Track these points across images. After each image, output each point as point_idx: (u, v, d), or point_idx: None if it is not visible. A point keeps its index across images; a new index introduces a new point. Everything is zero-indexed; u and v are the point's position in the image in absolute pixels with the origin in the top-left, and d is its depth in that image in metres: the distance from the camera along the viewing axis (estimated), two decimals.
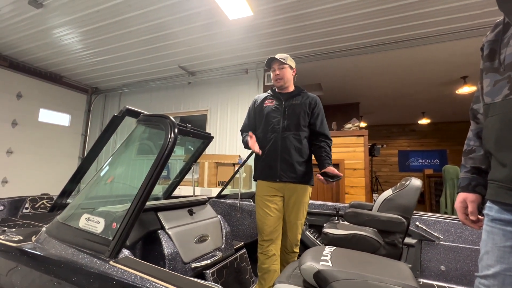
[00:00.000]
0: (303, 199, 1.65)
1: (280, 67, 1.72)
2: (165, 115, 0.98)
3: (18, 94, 4.78)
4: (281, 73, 1.72)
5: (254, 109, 1.83)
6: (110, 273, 0.66)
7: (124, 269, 0.66)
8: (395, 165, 8.40)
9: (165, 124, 0.93)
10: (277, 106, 1.73)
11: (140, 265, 0.69)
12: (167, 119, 0.95)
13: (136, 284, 0.61)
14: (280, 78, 1.73)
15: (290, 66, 1.76)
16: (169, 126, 0.91)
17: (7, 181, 4.62)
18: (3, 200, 2.13)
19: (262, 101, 1.81)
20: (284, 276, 0.99)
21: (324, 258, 0.94)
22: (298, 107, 1.71)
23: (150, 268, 0.68)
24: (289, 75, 1.76)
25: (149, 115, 1.05)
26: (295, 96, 1.76)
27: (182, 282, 0.61)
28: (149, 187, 0.78)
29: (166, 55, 4.24)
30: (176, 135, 0.88)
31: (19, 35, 3.84)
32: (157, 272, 0.65)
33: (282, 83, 1.74)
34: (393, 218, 1.55)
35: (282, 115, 1.70)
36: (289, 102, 1.73)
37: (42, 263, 0.75)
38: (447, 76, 4.54)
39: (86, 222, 0.84)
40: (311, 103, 1.73)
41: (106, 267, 0.69)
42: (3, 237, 0.90)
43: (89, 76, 5.36)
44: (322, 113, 1.77)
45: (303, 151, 1.67)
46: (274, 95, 1.80)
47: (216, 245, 1.44)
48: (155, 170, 0.80)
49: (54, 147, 5.32)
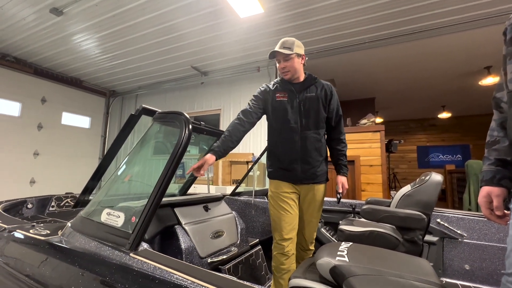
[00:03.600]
0: (320, 197, 1.58)
1: (285, 58, 1.51)
2: (180, 112, 1.00)
3: (42, 99, 5.05)
4: (288, 65, 1.51)
5: (265, 99, 1.60)
6: (130, 264, 0.69)
7: (144, 261, 0.69)
8: (414, 161, 8.11)
9: (179, 121, 0.95)
10: (291, 101, 1.55)
11: (159, 257, 0.72)
12: (181, 116, 0.98)
13: (156, 275, 0.64)
14: (287, 70, 1.53)
15: (298, 54, 1.52)
16: (184, 122, 0.93)
17: (34, 181, 4.90)
18: (32, 199, 2.24)
19: (273, 92, 1.60)
20: (300, 272, 0.98)
21: (341, 253, 0.93)
22: (314, 101, 1.54)
23: (169, 260, 0.70)
24: (298, 64, 1.53)
25: (164, 112, 1.08)
26: (308, 87, 1.57)
27: (200, 274, 0.62)
28: (165, 183, 0.80)
29: (179, 56, 4.32)
30: (191, 131, 0.89)
31: (42, 43, 4.04)
32: (175, 264, 0.67)
33: (290, 76, 1.55)
34: (413, 214, 1.49)
35: (298, 112, 1.53)
36: (303, 95, 1.55)
37: (68, 255, 0.80)
38: (469, 66, 4.31)
39: (107, 217, 0.88)
40: (327, 94, 1.56)
41: (126, 259, 0.72)
42: (33, 231, 0.97)
43: (107, 80, 5.57)
44: (338, 104, 1.62)
45: (322, 150, 1.58)
46: (284, 86, 1.58)
47: (231, 241, 1.46)
48: (170, 166, 0.82)
49: (76, 148, 5.58)
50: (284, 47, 1.51)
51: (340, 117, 1.63)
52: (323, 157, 1.58)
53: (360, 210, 1.67)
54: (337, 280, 0.84)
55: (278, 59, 1.55)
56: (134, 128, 1.34)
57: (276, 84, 1.63)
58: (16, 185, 4.61)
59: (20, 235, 0.98)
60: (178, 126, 0.94)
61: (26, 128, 4.79)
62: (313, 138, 1.53)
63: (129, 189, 1.09)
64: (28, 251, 0.89)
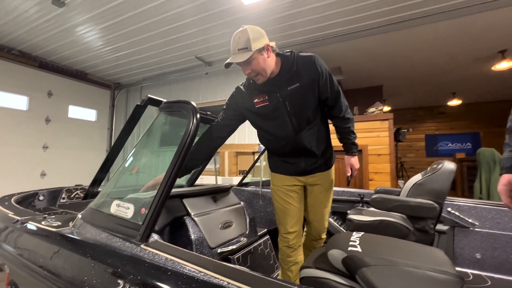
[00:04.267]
0: (328, 185, 1.47)
1: (247, 63, 1.18)
2: (187, 101, 0.97)
3: (49, 92, 5.08)
4: (253, 68, 1.19)
5: (239, 109, 1.35)
6: (141, 256, 0.69)
7: (155, 252, 0.69)
8: (422, 150, 7.98)
9: (187, 110, 0.93)
10: (274, 103, 1.27)
11: (170, 248, 0.71)
12: (188, 105, 0.95)
13: (167, 267, 0.63)
14: (256, 74, 1.22)
15: (259, 49, 1.18)
16: (191, 112, 0.90)
17: (45, 174, 5.00)
18: (43, 191, 2.28)
19: (248, 99, 1.32)
20: (311, 262, 0.98)
21: (353, 243, 0.91)
22: (301, 93, 1.25)
23: (180, 252, 0.70)
24: (264, 62, 1.20)
25: (170, 102, 1.05)
26: (290, 78, 1.25)
27: (213, 265, 0.62)
28: (173, 174, 0.79)
29: (183, 46, 4.26)
30: (198, 120, 0.87)
31: (45, 35, 4.03)
32: (187, 255, 0.67)
33: (263, 79, 1.24)
34: (424, 203, 1.47)
35: (286, 113, 1.28)
36: (286, 90, 1.25)
37: (80, 247, 0.81)
38: (482, 51, 4.14)
39: (117, 208, 0.87)
40: (312, 76, 1.24)
41: (137, 250, 0.72)
42: (45, 223, 0.98)
43: (112, 72, 5.55)
44: (331, 79, 1.30)
45: (324, 137, 1.41)
46: (260, 86, 1.28)
47: (240, 231, 1.46)
48: (179, 156, 0.81)
49: (83, 141, 5.65)
50: (239, 49, 1.17)
51: (337, 93, 1.35)
52: (326, 143, 1.43)
53: (370, 200, 1.64)
54: (350, 271, 0.83)
55: (239, 65, 1.22)
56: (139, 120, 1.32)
57: (251, 86, 1.33)
58: (27, 178, 4.71)
59: (32, 227, 0.99)
60: (185, 116, 0.92)
61: (34, 122, 4.85)
62: (311, 133, 1.34)
63: (137, 181, 1.08)
64: (41, 242, 0.91)
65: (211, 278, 0.58)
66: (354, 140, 1.44)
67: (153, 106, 1.22)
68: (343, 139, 1.46)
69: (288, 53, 1.29)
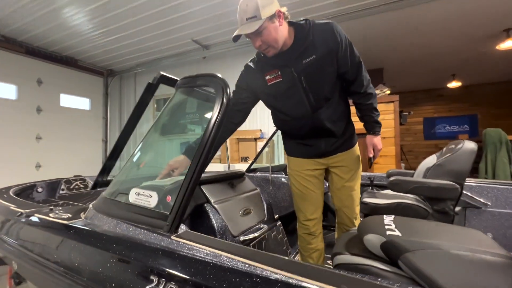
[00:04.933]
0: (355, 164, 1.33)
1: (257, 34, 1.06)
2: (213, 74, 0.86)
3: (38, 80, 4.84)
4: (264, 39, 1.07)
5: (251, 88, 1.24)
6: (174, 248, 0.61)
7: (189, 244, 0.61)
8: (420, 133, 8.01)
9: (214, 84, 0.81)
10: (288, 79, 1.15)
11: (205, 239, 0.64)
12: (216, 78, 0.84)
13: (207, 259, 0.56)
14: (267, 46, 1.10)
15: (269, 17, 1.05)
16: (221, 86, 0.79)
17: (40, 165, 4.85)
18: (41, 182, 2.21)
19: (260, 76, 1.20)
20: (342, 247, 0.92)
21: (389, 227, 0.86)
22: (317, 67, 1.13)
23: (217, 242, 0.62)
24: (276, 31, 1.07)
25: (191, 76, 0.94)
26: (305, 50, 1.12)
27: (259, 257, 0.55)
28: (203, 157, 0.69)
29: (179, 29, 4.04)
30: (229, 96, 0.77)
31: (30, 18, 3.77)
32: (227, 246, 0.60)
33: (274, 50, 1.11)
34: (445, 185, 1.42)
35: (302, 90, 1.16)
36: (301, 64, 1.13)
37: (98, 240, 0.73)
38: (486, 30, 4.05)
39: (137, 197, 0.79)
40: (331, 48, 1.12)
41: (168, 242, 0.64)
42: (53, 215, 0.90)
43: (103, 58, 5.30)
44: (351, 49, 1.18)
45: (344, 114, 1.30)
46: (272, 61, 1.17)
47: (259, 218, 1.40)
48: (208, 137, 0.71)
49: (78, 131, 5.47)
50: (247, 19, 1.04)
51: (359, 66, 1.22)
52: (347, 119, 1.32)
53: (387, 182, 1.59)
54: (391, 256, 0.78)
55: (248, 37, 1.11)
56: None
57: (261, 61, 1.21)
58: (22, 170, 4.57)
59: (39, 220, 0.91)
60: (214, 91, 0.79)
61: (25, 112, 4.64)
62: (330, 111, 1.22)
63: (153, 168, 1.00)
64: (52, 236, 0.82)
65: (258, 270, 0.51)
66: (377, 117, 1.32)
67: (166, 85, 1.12)
68: (364, 117, 1.33)
69: (303, 21, 1.15)
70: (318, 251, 1.35)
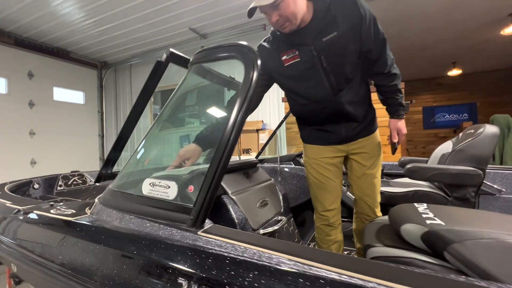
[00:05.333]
0: (376, 151, 1.25)
1: (274, 7, 0.96)
2: (238, 43, 0.73)
3: (29, 73, 4.64)
4: (281, 13, 0.97)
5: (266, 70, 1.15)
6: (202, 246, 0.51)
7: (221, 240, 0.52)
8: (419, 122, 7.99)
9: (242, 54, 0.67)
10: (306, 58, 1.06)
11: (240, 234, 0.55)
12: (243, 47, 0.69)
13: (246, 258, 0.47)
14: (284, 22, 0.99)
15: None
16: (249, 56, 0.66)
17: (35, 161, 4.71)
18: (37, 179, 2.14)
19: (275, 56, 1.12)
20: (373, 239, 0.85)
21: (427, 215, 0.79)
22: (339, 45, 1.03)
23: (256, 238, 0.53)
24: (296, 4, 0.97)
25: (210, 48, 0.81)
26: (325, 27, 1.02)
27: (312, 254, 0.47)
28: (232, 140, 0.59)
29: (175, 17, 3.88)
30: (259, 67, 0.66)
31: (17, 7, 3.57)
32: (270, 243, 0.50)
33: (292, 26, 1.01)
34: (468, 171, 1.36)
35: (322, 70, 1.07)
36: (321, 42, 1.03)
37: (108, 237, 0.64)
38: (491, 15, 3.96)
39: (152, 188, 0.69)
40: (354, 23, 1.02)
41: (194, 238, 0.55)
42: (55, 212, 0.80)
43: (96, 49, 5.10)
44: (375, 24, 1.07)
45: (366, 97, 1.21)
46: (289, 39, 1.08)
47: (276, 209, 1.32)
48: (237, 117, 0.60)
49: (73, 125, 5.31)
50: None
51: (383, 43, 1.11)
52: (368, 103, 1.23)
53: (404, 170, 1.52)
54: (434, 247, 0.71)
55: (263, 12, 1.00)
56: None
57: (277, 40, 1.12)
58: (17, 167, 4.43)
59: (39, 217, 0.81)
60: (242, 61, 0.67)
61: (17, 106, 4.47)
62: (352, 93, 1.13)
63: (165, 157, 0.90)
64: (55, 234, 0.73)
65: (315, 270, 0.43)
66: (401, 100, 1.21)
67: (177, 65, 1.01)
68: (388, 99, 1.22)
69: None
70: (337, 243, 1.28)
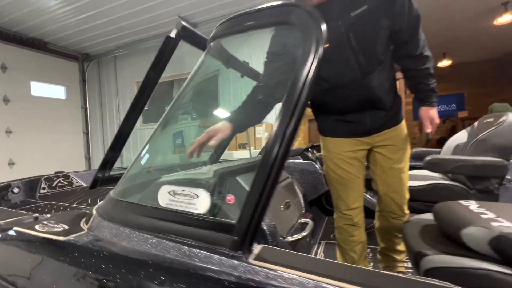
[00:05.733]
0: (403, 143, 1.15)
1: None
2: (294, 2, 0.54)
3: (2, 66, 4.25)
4: None
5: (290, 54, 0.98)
6: (258, 280, 0.37)
7: (284, 272, 0.38)
8: (409, 114, 8.08)
9: (298, 18, 0.49)
10: (333, 35, 0.88)
11: (304, 260, 0.41)
12: (300, 9, 0.50)
13: None
14: None
15: None
16: (311, 19, 0.48)
17: (13, 162, 4.36)
18: (17, 182, 1.93)
19: None
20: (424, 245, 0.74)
21: (488, 216, 0.68)
22: (370, 21, 0.93)
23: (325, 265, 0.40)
24: None
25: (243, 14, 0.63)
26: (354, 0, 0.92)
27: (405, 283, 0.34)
28: (290, 133, 0.43)
29: (163, 3, 3.62)
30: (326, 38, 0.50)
31: None
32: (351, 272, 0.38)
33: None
34: (492, 161, 1.29)
35: (349, 50, 0.96)
36: (349, 17, 0.92)
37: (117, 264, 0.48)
38: (484, 4, 3.95)
39: (173, 198, 0.51)
40: None
41: (244, 269, 0.40)
42: (41, 228, 0.62)
43: (76, 40, 4.74)
44: (409, 2, 0.95)
45: (394, 83, 1.11)
46: None
47: (300, 211, 1.19)
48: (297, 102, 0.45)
49: (54, 122, 4.95)
50: None
51: (417, 22, 1.00)
52: (395, 89, 1.14)
53: (424, 162, 1.44)
54: (506, 253, 0.60)
55: None
56: None
57: None
58: None
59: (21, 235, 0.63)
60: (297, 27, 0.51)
61: None
62: (382, 77, 1.01)
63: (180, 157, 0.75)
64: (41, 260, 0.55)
65: None
66: (434, 85, 1.11)
67: (190, 44, 0.84)
68: (419, 85, 1.11)
69: None
70: (361, 244, 1.18)
